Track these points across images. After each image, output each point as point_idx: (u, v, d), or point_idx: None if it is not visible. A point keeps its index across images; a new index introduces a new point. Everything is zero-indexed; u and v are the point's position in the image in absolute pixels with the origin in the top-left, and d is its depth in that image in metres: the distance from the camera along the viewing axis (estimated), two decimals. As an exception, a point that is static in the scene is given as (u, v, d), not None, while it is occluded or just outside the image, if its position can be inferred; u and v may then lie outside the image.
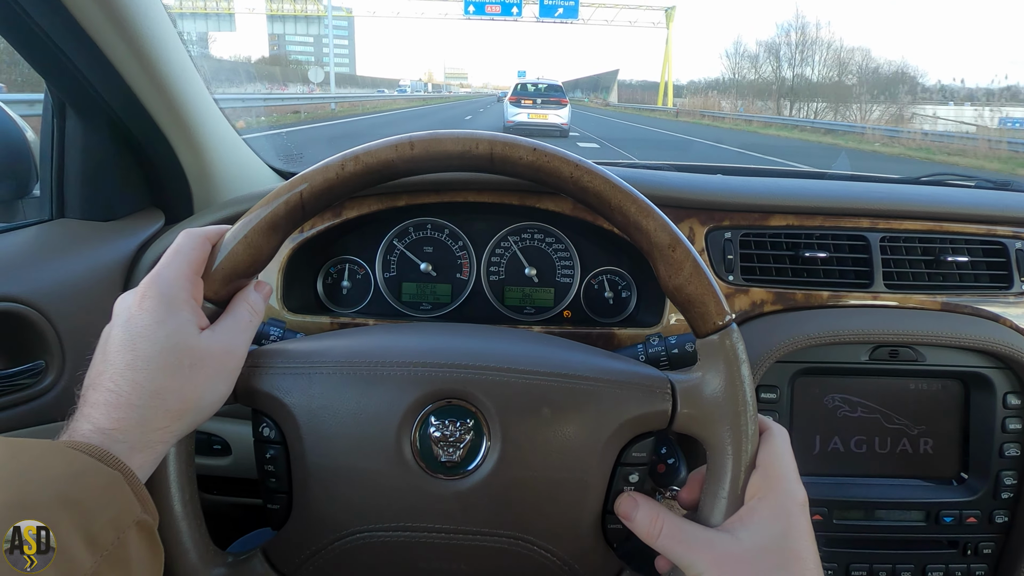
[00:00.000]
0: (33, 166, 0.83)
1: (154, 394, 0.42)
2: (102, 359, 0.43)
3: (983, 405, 0.82)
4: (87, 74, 0.71)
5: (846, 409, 0.83)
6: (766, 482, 0.47)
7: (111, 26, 0.67)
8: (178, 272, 0.46)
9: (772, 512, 0.46)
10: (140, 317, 0.44)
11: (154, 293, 0.45)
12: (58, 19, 0.63)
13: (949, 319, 0.83)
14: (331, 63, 73.30)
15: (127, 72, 0.72)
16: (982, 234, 0.88)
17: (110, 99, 0.75)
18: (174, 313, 0.44)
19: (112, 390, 0.42)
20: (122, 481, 0.39)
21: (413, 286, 0.93)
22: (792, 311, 0.84)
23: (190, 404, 0.44)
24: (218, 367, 0.46)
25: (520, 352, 0.53)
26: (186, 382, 0.44)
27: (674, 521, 0.47)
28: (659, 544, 0.47)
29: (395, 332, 0.59)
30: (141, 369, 0.42)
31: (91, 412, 0.41)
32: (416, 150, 0.49)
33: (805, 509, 0.46)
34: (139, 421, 0.41)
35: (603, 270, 0.93)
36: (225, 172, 0.94)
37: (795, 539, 0.45)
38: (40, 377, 0.71)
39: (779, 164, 9.54)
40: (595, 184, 0.48)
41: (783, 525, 0.45)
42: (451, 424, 0.50)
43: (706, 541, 0.46)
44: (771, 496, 0.46)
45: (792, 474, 0.47)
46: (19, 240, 0.76)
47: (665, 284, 0.49)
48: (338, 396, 0.50)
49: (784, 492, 0.46)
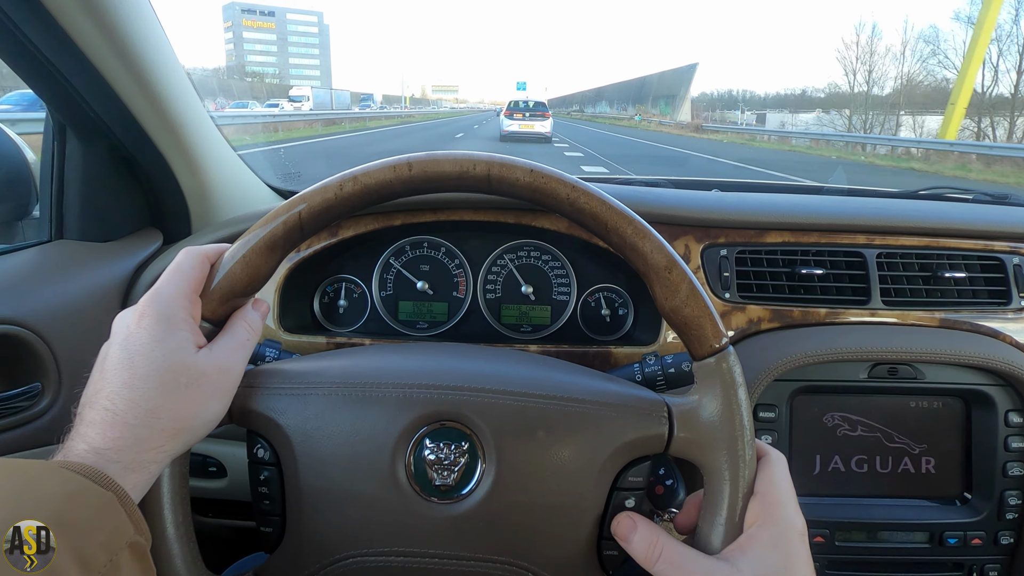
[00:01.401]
0: (33, 188, 0.84)
1: (149, 413, 0.42)
2: (99, 377, 0.44)
3: (985, 423, 0.82)
4: (88, 98, 0.72)
5: (846, 428, 0.83)
6: (765, 510, 0.46)
7: (112, 51, 0.68)
8: (177, 291, 0.46)
9: (771, 541, 0.45)
10: (138, 335, 0.44)
11: (152, 312, 0.45)
12: (58, 44, 0.64)
13: (948, 336, 0.82)
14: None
15: (127, 96, 0.73)
16: (979, 250, 0.88)
17: (110, 122, 0.76)
18: (172, 332, 0.44)
19: (108, 408, 0.42)
20: (115, 502, 0.39)
21: (410, 304, 0.93)
22: (789, 328, 0.84)
23: (185, 423, 0.44)
24: (214, 386, 0.46)
25: (516, 374, 0.53)
26: (182, 401, 0.44)
27: (673, 547, 0.46)
28: (656, 569, 0.46)
29: (391, 353, 0.59)
30: (138, 388, 0.42)
31: (86, 431, 0.41)
32: (414, 171, 0.49)
33: (804, 538, 0.46)
34: (134, 441, 0.41)
35: (599, 287, 0.93)
36: (223, 191, 0.95)
37: (794, 569, 0.44)
38: (36, 399, 0.71)
39: (777, 178, 9.42)
40: (591, 205, 0.49)
41: (783, 554, 0.44)
42: (446, 447, 0.49)
43: (705, 570, 0.45)
44: (770, 524, 0.45)
45: (791, 501, 0.47)
46: (18, 262, 0.76)
47: (661, 306, 0.49)
48: (333, 417, 0.49)
49: (783, 520, 0.45)
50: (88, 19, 0.64)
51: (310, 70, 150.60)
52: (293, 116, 21.71)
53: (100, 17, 0.65)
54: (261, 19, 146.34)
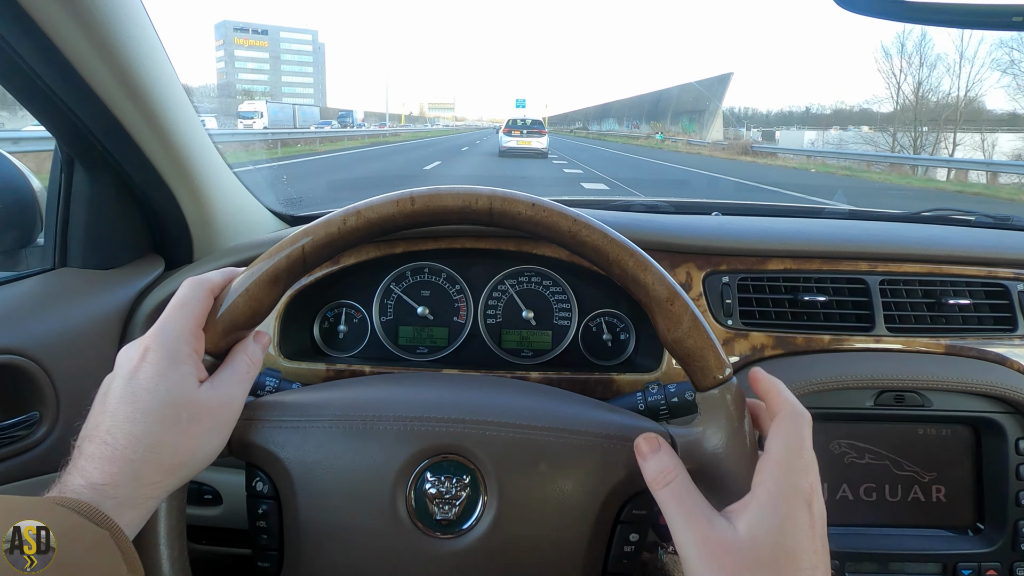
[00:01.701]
0: (39, 216, 0.84)
1: (150, 448, 0.42)
2: (101, 410, 0.44)
3: (995, 451, 0.80)
4: (96, 132, 0.73)
5: (853, 455, 0.82)
6: (769, 469, 0.44)
7: (122, 88, 0.69)
8: (182, 326, 0.46)
9: (771, 503, 0.43)
10: (143, 370, 0.44)
11: (158, 346, 0.45)
12: (69, 80, 0.65)
13: (954, 363, 0.81)
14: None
15: (135, 130, 0.74)
16: (982, 276, 0.87)
17: (117, 154, 0.77)
18: (176, 367, 0.45)
19: (108, 443, 0.42)
20: (109, 540, 0.38)
21: (410, 330, 0.93)
22: (793, 355, 0.83)
23: (185, 458, 0.44)
24: (215, 420, 0.46)
25: (517, 404, 0.53)
26: (182, 436, 0.44)
27: (685, 482, 0.45)
28: (660, 495, 0.45)
29: (391, 384, 0.59)
30: (139, 422, 0.42)
31: (85, 465, 0.41)
32: (417, 205, 0.50)
33: (809, 503, 0.43)
34: (132, 476, 0.41)
35: (601, 312, 0.92)
36: (225, 217, 0.95)
37: (791, 534, 0.42)
38: (33, 429, 0.71)
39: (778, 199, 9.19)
40: (593, 238, 0.49)
41: (780, 518, 0.42)
42: (447, 480, 0.49)
43: (704, 518, 0.44)
44: (771, 485, 0.44)
45: (799, 463, 0.44)
46: (21, 290, 0.76)
47: (664, 337, 0.49)
48: (333, 451, 0.49)
49: (787, 483, 0.43)
50: (99, 57, 0.65)
51: (303, 88, 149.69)
52: (235, 135, 16.82)
53: (112, 56, 0.66)
54: (254, 37, 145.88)
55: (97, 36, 0.63)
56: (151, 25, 0.72)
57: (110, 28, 0.64)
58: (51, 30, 0.59)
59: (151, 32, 0.72)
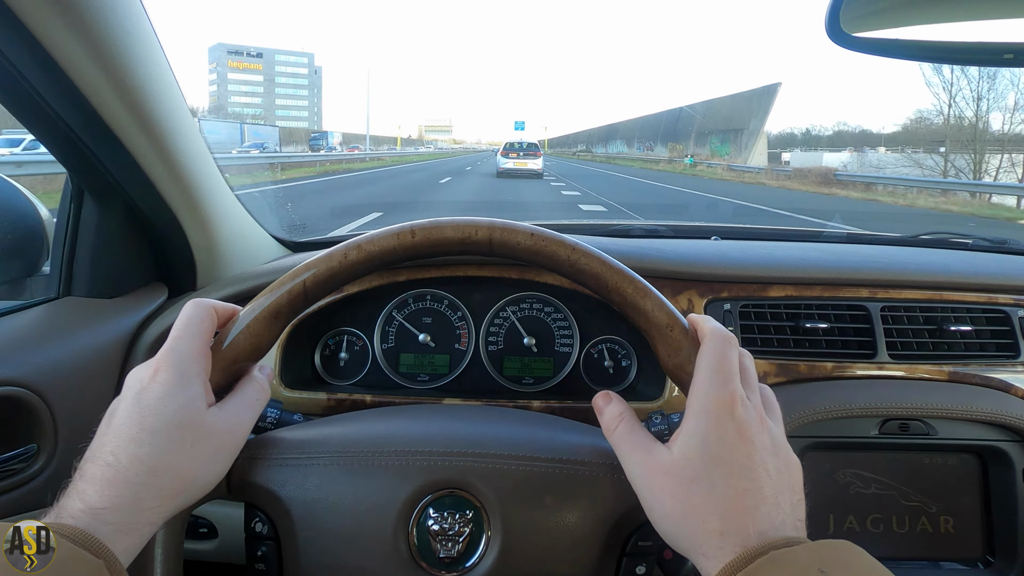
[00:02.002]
0: (45, 246, 0.85)
1: (152, 471, 0.42)
2: (106, 430, 0.43)
3: (1002, 481, 0.80)
4: (108, 165, 0.74)
5: (859, 485, 0.81)
6: (694, 391, 0.45)
7: (136, 123, 0.71)
8: (191, 345, 0.46)
9: (695, 419, 0.44)
10: (152, 390, 0.44)
11: (168, 366, 0.45)
12: (84, 115, 0.66)
13: (958, 391, 0.81)
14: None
15: (147, 164, 0.75)
16: (983, 302, 0.88)
17: (128, 186, 0.78)
18: (186, 387, 0.45)
19: (111, 464, 0.41)
20: (104, 569, 0.38)
21: (411, 357, 0.93)
22: (796, 383, 0.83)
23: (185, 483, 0.44)
24: (219, 445, 0.46)
25: (520, 436, 0.53)
26: (185, 459, 0.44)
27: (632, 423, 0.48)
28: (612, 439, 0.48)
29: (392, 417, 0.58)
30: (145, 443, 0.42)
31: (84, 488, 0.41)
32: (417, 238, 0.50)
33: (730, 410, 0.43)
34: (132, 500, 0.41)
35: (602, 339, 0.93)
36: (229, 245, 0.96)
37: (716, 444, 0.43)
38: (31, 462, 0.70)
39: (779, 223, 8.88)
40: (592, 266, 0.50)
41: (705, 432, 0.43)
42: (450, 516, 0.49)
43: (645, 449, 0.46)
44: (696, 404, 0.45)
45: (719, 377, 0.45)
46: (25, 320, 0.77)
47: (665, 364, 0.49)
48: (334, 488, 0.49)
49: (708, 398, 0.44)
50: (114, 92, 0.66)
51: (297, 111, 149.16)
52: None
53: (126, 90, 0.67)
54: (248, 60, 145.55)
55: (113, 72, 0.65)
56: (165, 58, 0.74)
57: (126, 63, 0.66)
58: (67, 65, 0.60)
59: (165, 65, 0.74)
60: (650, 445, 0.46)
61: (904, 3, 0.64)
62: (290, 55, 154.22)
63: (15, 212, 0.83)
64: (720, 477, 0.42)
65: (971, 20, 0.62)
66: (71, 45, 0.59)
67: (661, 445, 0.46)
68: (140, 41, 0.67)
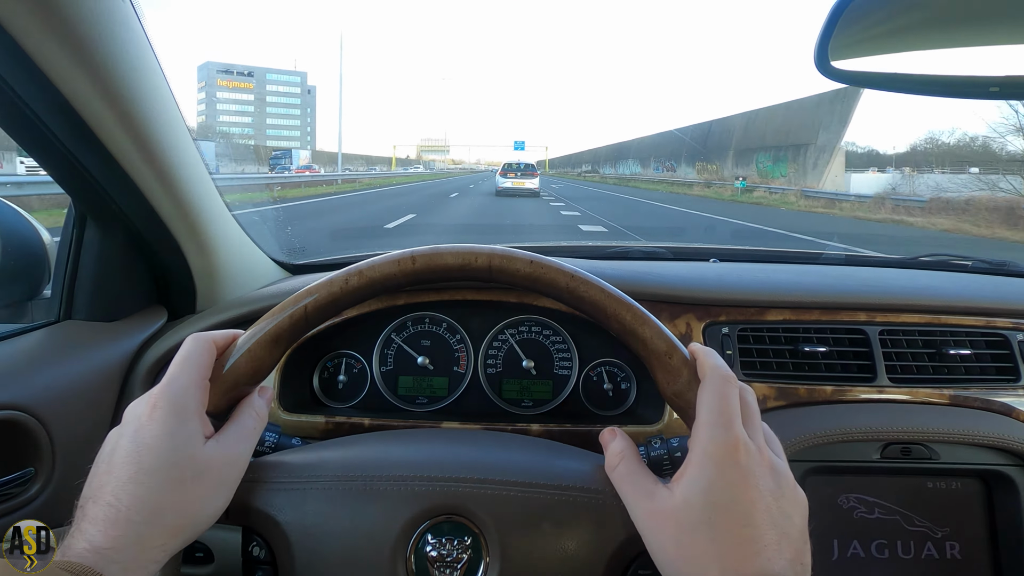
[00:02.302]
0: (47, 269, 0.85)
1: (154, 510, 0.42)
2: (106, 469, 0.44)
3: (1007, 506, 0.79)
4: (111, 191, 0.75)
5: (862, 510, 0.80)
6: (697, 435, 0.45)
7: (138, 149, 0.72)
8: (189, 381, 0.47)
9: (699, 464, 0.44)
10: (150, 427, 0.44)
11: (165, 403, 0.45)
12: (87, 141, 0.68)
13: (960, 415, 0.81)
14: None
15: (149, 189, 0.76)
16: (982, 326, 0.87)
17: (130, 211, 0.79)
18: (184, 424, 0.45)
19: (112, 504, 0.42)
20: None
21: (409, 379, 0.93)
22: (796, 407, 0.83)
23: (188, 520, 0.44)
24: (219, 478, 0.46)
25: (518, 462, 0.53)
26: (187, 496, 0.44)
27: (633, 462, 0.48)
28: (613, 476, 0.48)
29: (391, 441, 0.58)
30: (144, 483, 0.42)
31: (88, 528, 0.41)
32: (418, 264, 0.51)
33: (733, 456, 0.43)
34: (136, 539, 0.41)
35: (602, 361, 0.93)
36: (229, 267, 0.96)
37: (720, 490, 0.42)
38: (27, 485, 0.70)
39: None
40: (591, 294, 0.50)
41: (708, 478, 0.43)
42: (448, 542, 0.48)
43: (647, 491, 0.46)
44: (699, 448, 0.44)
45: (718, 419, 0.45)
46: (25, 344, 0.77)
47: (664, 391, 0.49)
48: (332, 513, 0.49)
49: (711, 443, 0.44)
50: (116, 118, 0.67)
51: (289, 131, 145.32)
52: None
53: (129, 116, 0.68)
54: (238, 79, 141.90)
55: (115, 99, 0.66)
56: (167, 84, 0.75)
57: (128, 90, 0.67)
58: (69, 92, 0.61)
59: (167, 91, 0.75)
60: (652, 488, 0.46)
61: (891, 36, 0.66)
62: (282, 74, 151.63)
63: (18, 236, 0.83)
64: (722, 524, 0.42)
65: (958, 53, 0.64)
66: (73, 73, 0.60)
67: (663, 487, 0.46)
68: (142, 68, 0.69)
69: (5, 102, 0.60)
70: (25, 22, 0.54)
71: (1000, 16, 0.62)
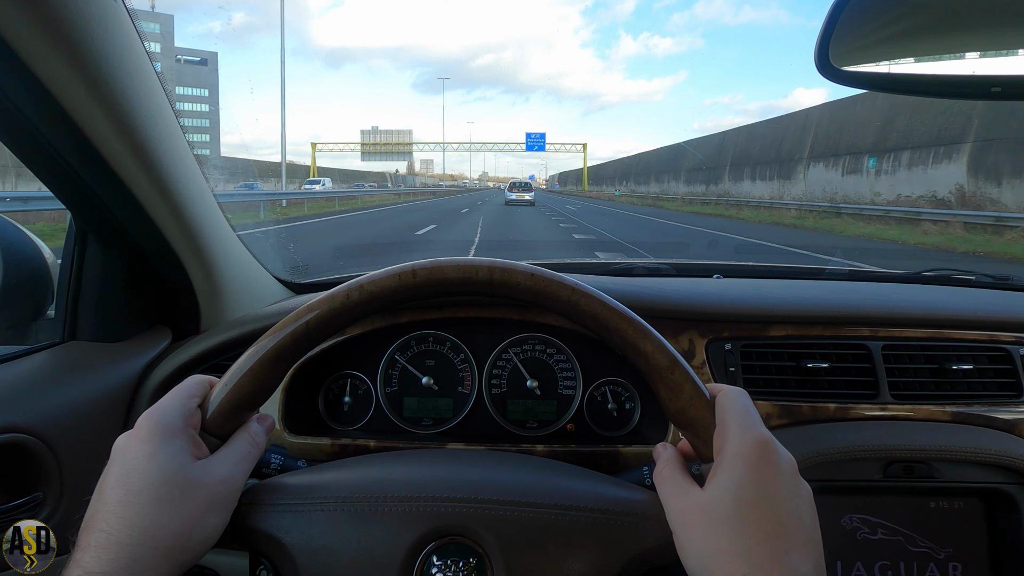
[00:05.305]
0: (51, 290, 0.86)
1: (144, 531, 0.42)
2: (97, 498, 0.44)
3: (1010, 525, 0.78)
4: (113, 208, 0.76)
5: (866, 531, 0.79)
6: (724, 436, 0.47)
7: (141, 166, 0.72)
8: (173, 403, 0.48)
9: (728, 463, 0.45)
10: (135, 449, 0.45)
11: (148, 424, 0.46)
12: (89, 158, 0.68)
13: (962, 432, 0.80)
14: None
15: (152, 207, 0.77)
16: (984, 340, 0.87)
17: (132, 230, 0.79)
18: (167, 442, 0.45)
19: (104, 530, 0.42)
20: None
21: (414, 401, 0.92)
22: (799, 425, 0.82)
23: (181, 540, 0.44)
24: (211, 497, 0.46)
25: (523, 482, 0.52)
26: (177, 515, 0.43)
27: (677, 469, 0.50)
28: (657, 481, 0.50)
29: (396, 462, 0.58)
30: (132, 505, 0.42)
31: (81, 557, 0.41)
32: (418, 278, 0.51)
33: (767, 453, 0.45)
34: (130, 562, 0.41)
35: (605, 381, 0.92)
36: (233, 286, 0.97)
37: (749, 486, 0.43)
38: (36, 510, 0.69)
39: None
40: (592, 307, 0.50)
41: (738, 474, 0.44)
42: (453, 564, 0.48)
43: (680, 489, 0.47)
44: (725, 447, 0.46)
45: (745, 420, 0.47)
46: (30, 366, 0.77)
47: (666, 406, 0.49)
48: (338, 535, 0.48)
49: (737, 439, 0.46)
50: (118, 135, 0.68)
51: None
52: None
53: (131, 132, 0.69)
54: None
55: (116, 114, 0.66)
56: (166, 97, 0.75)
57: (129, 105, 0.67)
58: (70, 107, 0.62)
59: (166, 104, 0.75)
60: (686, 487, 0.47)
61: (892, 38, 0.66)
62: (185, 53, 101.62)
63: (21, 256, 0.84)
64: (752, 520, 0.43)
65: (958, 54, 0.64)
66: (74, 88, 0.61)
67: (694, 487, 0.47)
68: (142, 83, 0.69)
69: (2, 113, 0.61)
70: (19, 27, 0.54)
71: (1001, 16, 0.62)
